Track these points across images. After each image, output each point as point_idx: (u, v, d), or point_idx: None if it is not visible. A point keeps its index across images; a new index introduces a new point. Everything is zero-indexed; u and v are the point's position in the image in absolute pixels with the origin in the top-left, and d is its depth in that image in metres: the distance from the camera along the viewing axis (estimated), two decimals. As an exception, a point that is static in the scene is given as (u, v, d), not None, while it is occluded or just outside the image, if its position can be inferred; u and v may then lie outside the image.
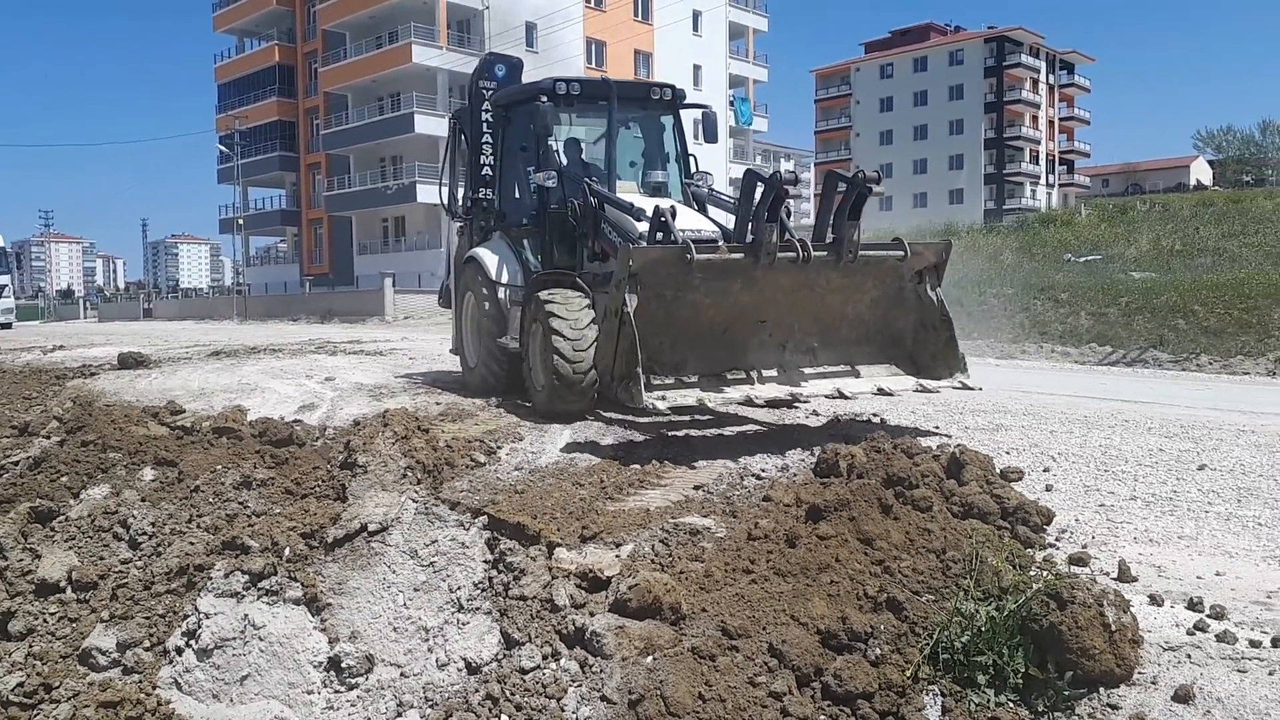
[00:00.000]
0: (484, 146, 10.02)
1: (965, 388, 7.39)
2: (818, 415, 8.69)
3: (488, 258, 9.49)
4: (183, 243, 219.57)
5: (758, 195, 6.86)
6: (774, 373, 7.16)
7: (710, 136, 9.87)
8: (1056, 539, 5.06)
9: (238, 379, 11.23)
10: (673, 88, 9.60)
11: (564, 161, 9.18)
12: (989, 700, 3.73)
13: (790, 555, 4.54)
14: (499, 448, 7.12)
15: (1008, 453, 6.89)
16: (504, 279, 9.24)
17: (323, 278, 56.82)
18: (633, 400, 6.36)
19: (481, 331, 9.33)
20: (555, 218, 8.92)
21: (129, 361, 13.18)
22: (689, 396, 6.65)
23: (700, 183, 9.46)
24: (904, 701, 3.73)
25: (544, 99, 8.76)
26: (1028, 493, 5.62)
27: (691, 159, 9.64)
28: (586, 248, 8.69)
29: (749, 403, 6.86)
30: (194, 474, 6.64)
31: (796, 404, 8.54)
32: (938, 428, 7.97)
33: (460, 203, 10.59)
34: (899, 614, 4.09)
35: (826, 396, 7.18)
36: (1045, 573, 4.31)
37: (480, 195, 10.00)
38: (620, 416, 8.03)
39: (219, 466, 6.70)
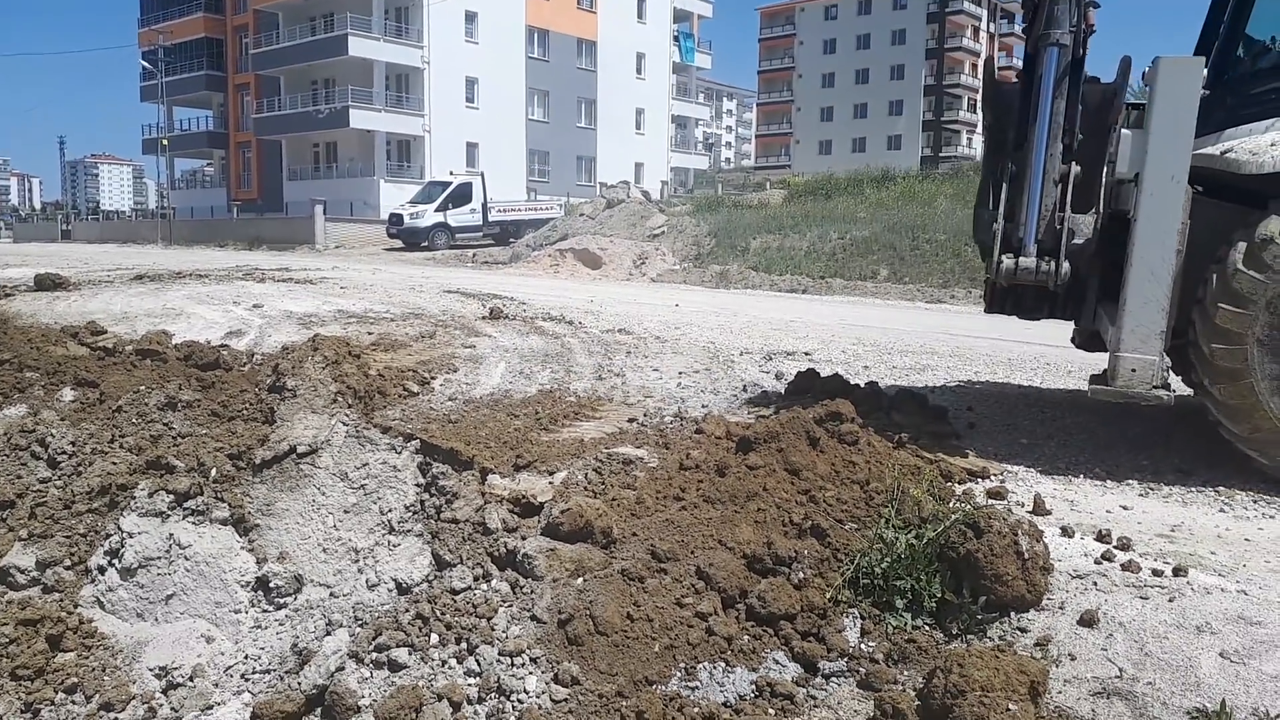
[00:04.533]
0: None
1: None
2: (749, 354, 8.81)
3: None
4: (103, 163, 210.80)
5: None
6: None
7: None
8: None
9: (162, 304, 10.95)
10: None
11: None
12: (905, 623, 3.88)
13: (720, 484, 4.62)
14: (433, 378, 7.08)
15: (932, 391, 7.06)
16: None
17: (251, 203, 55.17)
18: None
19: None
20: None
21: (47, 283, 12.73)
22: None
23: None
24: (824, 623, 3.86)
25: None
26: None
27: None
28: None
29: None
30: (116, 395, 6.47)
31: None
32: (867, 368, 8.13)
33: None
34: (822, 540, 4.20)
35: None
36: (964, 504, 4.46)
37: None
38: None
39: (142, 388, 6.54)
